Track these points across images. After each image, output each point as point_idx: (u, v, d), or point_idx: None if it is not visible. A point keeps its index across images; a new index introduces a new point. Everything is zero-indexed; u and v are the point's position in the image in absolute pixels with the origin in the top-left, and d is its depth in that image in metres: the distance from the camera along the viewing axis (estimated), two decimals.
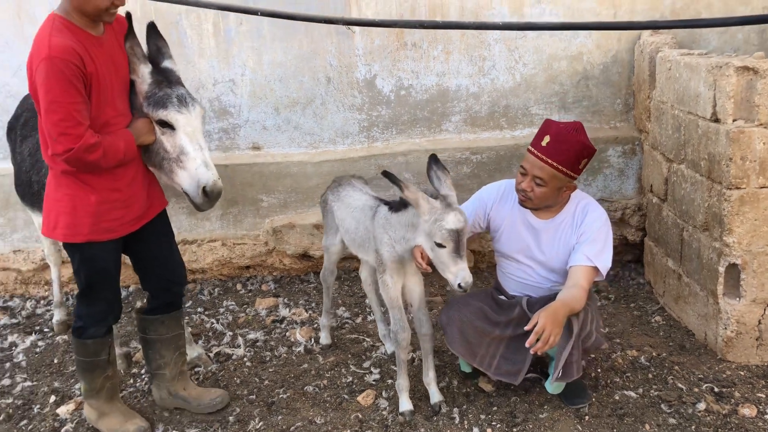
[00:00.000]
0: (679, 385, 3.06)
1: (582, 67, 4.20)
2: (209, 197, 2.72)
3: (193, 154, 2.70)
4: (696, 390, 3.02)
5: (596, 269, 2.82)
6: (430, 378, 3.02)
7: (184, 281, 3.08)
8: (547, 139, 2.77)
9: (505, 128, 4.33)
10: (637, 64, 4.10)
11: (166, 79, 2.74)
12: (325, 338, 3.64)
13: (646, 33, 4.04)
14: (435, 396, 3.00)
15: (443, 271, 2.66)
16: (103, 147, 2.48)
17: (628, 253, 4.41)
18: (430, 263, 2.74)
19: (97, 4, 2.43)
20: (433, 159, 2.81)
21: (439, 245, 2.59)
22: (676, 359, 3.29)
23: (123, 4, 2.52)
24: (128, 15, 2.73)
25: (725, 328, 3.19)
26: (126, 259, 2.97)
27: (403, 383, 2.98)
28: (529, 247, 2.98)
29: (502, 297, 3.10)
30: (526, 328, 2.63)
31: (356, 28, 4.14)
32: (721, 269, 3.16)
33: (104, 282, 2.77)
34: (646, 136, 4.05)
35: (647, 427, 2.79)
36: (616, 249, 4.26)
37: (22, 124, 3.62)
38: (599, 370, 3.21)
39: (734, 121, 3.01)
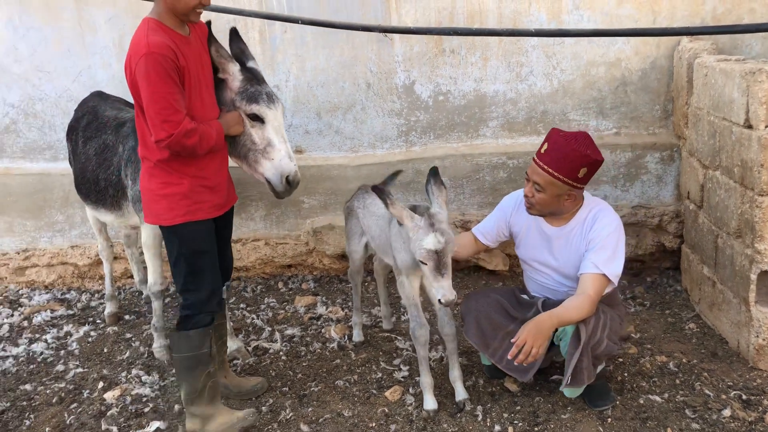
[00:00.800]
0: (707, 391, 3.05)
1: (620, 73, 4.21)
2: (291, 186, 2.97)
3: (278, 146, 2.93)
4: (723, 397, 3.01)
5: (606, 277, 2.85)
6: (455, 375, 3.10)
7: (230, 275, 3.23)
8: (545, 146, 2.84)
9: (542, 133, 4.36)
10: (675, 70, 4.09)
11: (254, 77, 2.98)
12: (357, 335, 3.76)
13: (685, 39, 4.02)
14: (460, 394, 3.07)
15: (427, 285, 2.85)
16: (198, 133, 2.68)
17: (667, 260, 4.38)
18: None
19: (187, 2, 2.64)
20: (432, 173, 2.90)
21: (422, 262, 2.71)
22: (706, 366, 3.27)
23: (209, 3, 2.72)
24: (208, 23, 2.95)
25: (757, 336, 3.17)
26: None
27: (426, 380, 3.06)
28: (543, 253, 3.05)
29: (524, 296, 3.17)
30: (512, 340, 2.72)
31: (395, 36, 4.25)
32: (753, 276, 3.14)
33: (205, 263, 2.89)
34: (684, 143, 4.03)
35: (669, 431, 2.80)
36: (653, 256, 4.31)
37: (85, 126, 3.85)
38: (626, 374, 3.23)
39: (766, 127, 2.99)
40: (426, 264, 2.69)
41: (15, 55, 4.65)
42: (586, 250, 2.91)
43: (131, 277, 4.83)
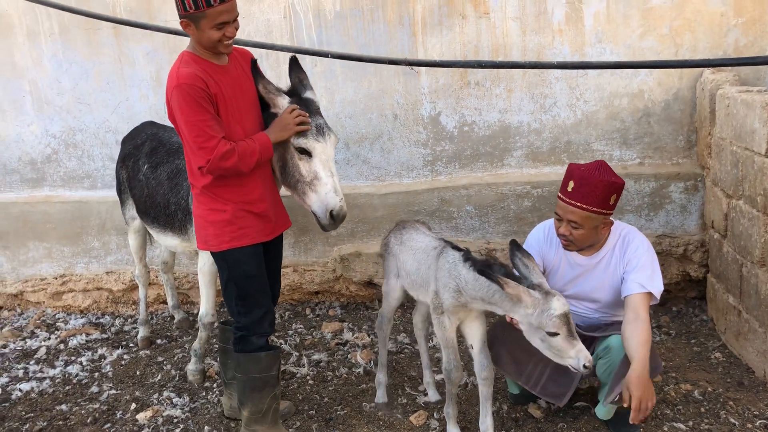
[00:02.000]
0: (732, 420, 3.06)
1: (643, 104, 4.28)
2: (335, 220, 2.99)
3: (324, 180, 2.96)
4: (749, 426, 3.01)
5: (651, 294, 2.90)
6: (487, 425, 3.00)
7: (276, 301, 3.30)
8: (571, 184, 2.88)
9: (566, 163, 4.40)
10: (698, 101, 4.14)
11: (306, 108, 3.00)
12: (381, 396, 3.48)
13: (707, 71, 4.09)
14: None
15: (559, 357, 2.64)
16: (237, 152, 2.78)
17: (692, 290, 4.39)
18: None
19: (210, 37, 2.76)
20: (515, 245, 2.82)
21: (552, 334, 2.59)
22: (732, 395, 3.27)
23: (234, 35, 2.83)
24: (254, 61, 3.06)
25: None
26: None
27: (452, 411, 3.08)
28: (575, 284, 3.09)
29: None
30: (624, 404, 2.70)
31: (421, 69, 4.38)
32: None
33: (254, 285, 2.98)
34: (708, 173, 4.06)
35: None
36: (678, 285, 4.33)
37: (149, 152, 3.92)
38: None
39: None
40: (558, 333, 2.58)
41: (58, 88, 4.87)
42: (625, 272, 2.96)
43: (164, 302, 4.97)
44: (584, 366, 2.57)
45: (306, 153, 2.97)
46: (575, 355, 2.58)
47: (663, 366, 3.57)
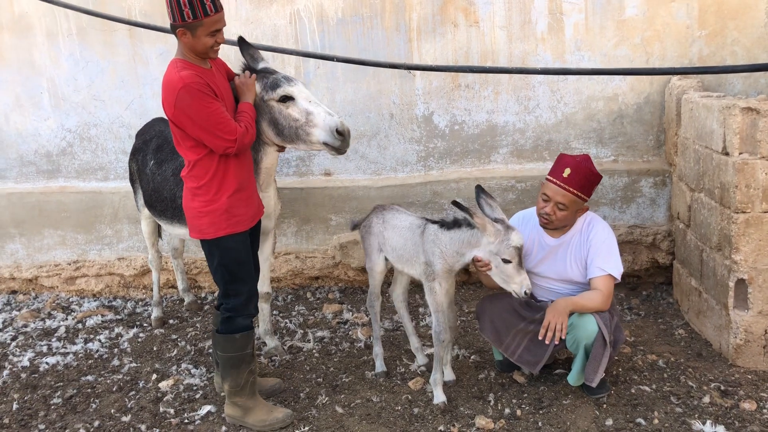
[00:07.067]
0: (690, 383, 3.50)
1: (617, 107, 4.71)
2: (343, 135, 3.26)
3: (316, 111, 3.28)
4: (704, 388, 3.44)
5: (612, 276, 3.33)
6: (447, 360, 3.63)
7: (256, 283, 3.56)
8: (567, 171, 3.30)
9: (547, 160, 4.85)
10: (666, 104, 4.59)
11: (267, 72, 3.38)
12: (380, 366, 3.82)
13: (675, 77, 4.53)
14: (448, 375, 3.61)
15: (507, 282, 3.18)
16: (245, 125, 3.12)
17: (660, 276, 4.84)
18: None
19: (204, 43, 3.07)
20: (480, 189, 3.34)
21: (506, 261, 3.12)
22: (691, 364, 3.71)
23: (223, 41, 3.17)
24: (240, 37, 3.45)
25: (735, 337, 3.61)
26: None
27: (438, 377, 3.47)
28: (546, 263, 3.51)
29: (533, 300, 3.62)
30: (541, 328, 3.25)
31: (416, 72, 4.78)
32: (731, 284, 3.59)
33: (243, 270, 3.27)
34: (675, 169, 4.51)
35: (656, 414, 3.23)
36: (648, 271, 4.77)
37: (155, 148, 4.22)
38: (620, 369, 3.67)
39: (740, 154, 3.48)
40: (510, 261, 3.11)
41: (74, 85, 5.20)
42: (588, 256, 3.39)
43: (172, 287, 5.32)
44: (525, 292, 3.14)
45: (289, 99, 3.29)
46: (519, 282, 3.14)
47: (632, 340, 4.02)
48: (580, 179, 3.30)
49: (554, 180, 3.35)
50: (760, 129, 3.39)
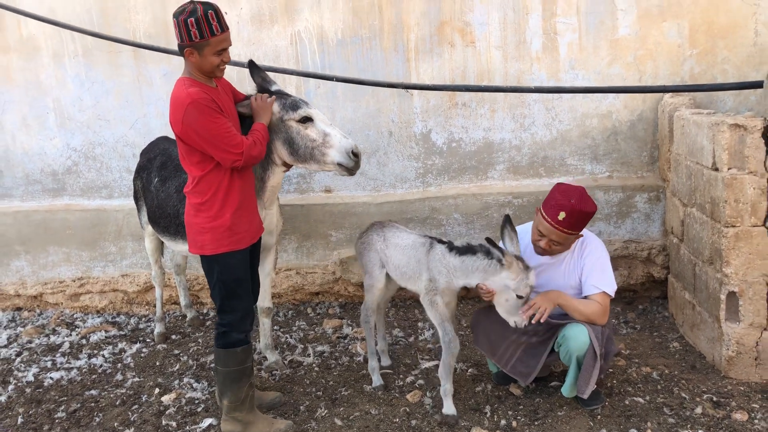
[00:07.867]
0: (683, 395, 3.55)
1: (611, 124, 4.81)
2: (357, 156, 3.40)
3: (333, 133, 3.43)
4: (697, 399, 3.50)
5: (606, 293, 3.40)
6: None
7: (256, 298, 3.66)
8: (563, 215, 3.31)
9: (543, 176, 4.95)
10: (659, 121, 4.68)
11: (283, 93, 3.50)
12: (377, 380, 3.88)
13: (667, 95, 4.63)
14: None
15: (509, 313, 3.31)
16: (256, 141, 3.22)
17: (656, 290, 4.90)
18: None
19: (211, 62, 3.17)
20: (507, 219, 3.41)
21: (519, 297, 3.26)
22: (685, 376, 3.77)
23: (229, 60, 3.27)
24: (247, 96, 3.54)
25: (727, 349, 3.67)
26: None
27: (449, 388, 3.51)
28: (540, 278, 3.54)
29: None
30: (527, 307, 3.32)
31: (414, 91, 4.88)
32: (723, 297, 3.66)
33: (241, 287, 3.32)
34: (668, 184, 4.59)
35: (649, 424, 3.29)
36: (643, 285, 4.84)
37: (159, 166, 4.31)
38: (614, 381, 3.73)
39: (729, 169, 3.56)
40: (521, 297, 3.25)
41: (80, 105, 5.31)
42: (583, 274, 3.46)
43: (175, 303, 5.39)
44: (525, 326, 3.30)
45: (308, 120, 3.41)
46: (520, 313, 3.28)
47: (627, 353, 4.08)
48: (575, 222, 3.33)
49: (549, 221, 3.36)
50: (748, 145, 3.48)
